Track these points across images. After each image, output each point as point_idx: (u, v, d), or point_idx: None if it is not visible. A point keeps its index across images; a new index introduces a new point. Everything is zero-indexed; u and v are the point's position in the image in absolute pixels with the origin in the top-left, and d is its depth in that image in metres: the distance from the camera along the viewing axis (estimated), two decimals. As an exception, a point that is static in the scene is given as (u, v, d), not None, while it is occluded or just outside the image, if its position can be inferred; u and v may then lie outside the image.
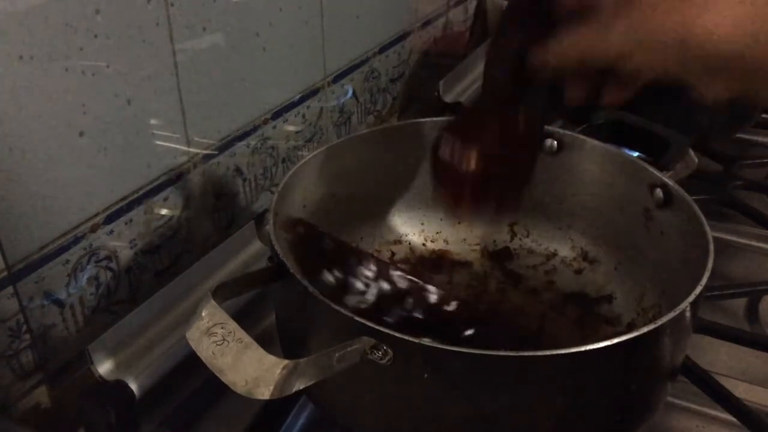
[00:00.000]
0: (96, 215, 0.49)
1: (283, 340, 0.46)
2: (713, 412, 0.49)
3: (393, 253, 0.59)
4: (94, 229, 0.49)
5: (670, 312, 0.37)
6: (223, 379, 0.34)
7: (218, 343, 0.35)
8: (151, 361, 0.47)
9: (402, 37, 0.86)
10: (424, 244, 0.60)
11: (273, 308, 0.49)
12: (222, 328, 0.35)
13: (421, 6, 0.90)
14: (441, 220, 0.61)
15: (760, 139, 0.84)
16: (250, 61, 0.61)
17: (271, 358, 0.34)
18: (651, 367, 0.40)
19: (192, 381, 0.49)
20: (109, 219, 0.50)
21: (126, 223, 0.52)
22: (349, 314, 0.37)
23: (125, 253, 0.53)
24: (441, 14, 0.96)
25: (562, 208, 0.58)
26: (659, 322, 0.36)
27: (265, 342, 0.35)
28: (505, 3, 1.07)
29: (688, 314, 0.39)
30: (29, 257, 0.45)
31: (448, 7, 0.98)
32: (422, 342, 0.35)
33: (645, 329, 0.36)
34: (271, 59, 0.63)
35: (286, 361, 0.33)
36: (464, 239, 0.61)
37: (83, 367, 0.48)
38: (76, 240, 0.48)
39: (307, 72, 0.69)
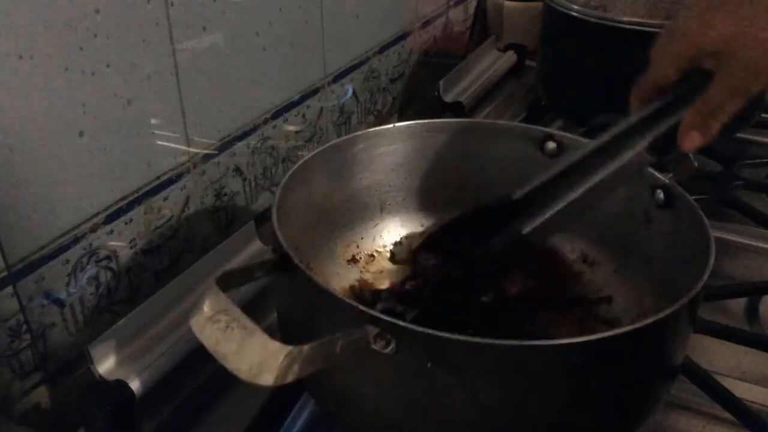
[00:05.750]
0: (96, 215, 0.49)
1: (284, 332, 0.46)
2: (713, 412, 0.49)
3: (393, 254, 0.59)
4: (94, 229, 0.49)
5: (671, 306, 0.37)
6: (227, 365, 0.34)
7: (222, 329, 0.34)
8: (151, 361, 0.47)
9: (402, 37, 0.86)
10: (424, 245, 0.60)
11: (274, 306, 0.49)
12: (226, 314, 0.35)
13: (421, 6, 0.90)
14: (441, 220, 0.61)
15: (760, 139, 0.84)
16: (250, 61, 0.61)
17: (275, 344, 0.33)
18: (651, 364, 0.40)
19: (192, 381, 0.49)
20: (109, 219, 0.50)
21: (126, 223, 0.52)
22: (353, 303, 0.37)
23: (125, 253, 0.53)
24: (441, 14, 0.96)
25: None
26: (660, 315, 0.36)
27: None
28: (505, 3, 1.07)
29: (688, 310, 0.39)
30: (29, 257, 0.45)
31: (448, 7, 0.98)
32: (425, 331, 0.35)
33: (647, 321, 0.36)
34: (271, 59, 0.63)
35: (290, 348, 0.33)
36: (464, 239, 0.61)
37: (83, 367, 0.48)
38: (76, 240, 0.48)
39: (307, 72, 0.69)
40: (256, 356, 0.33)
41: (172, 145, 0.55)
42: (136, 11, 0.48)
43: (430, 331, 0.35)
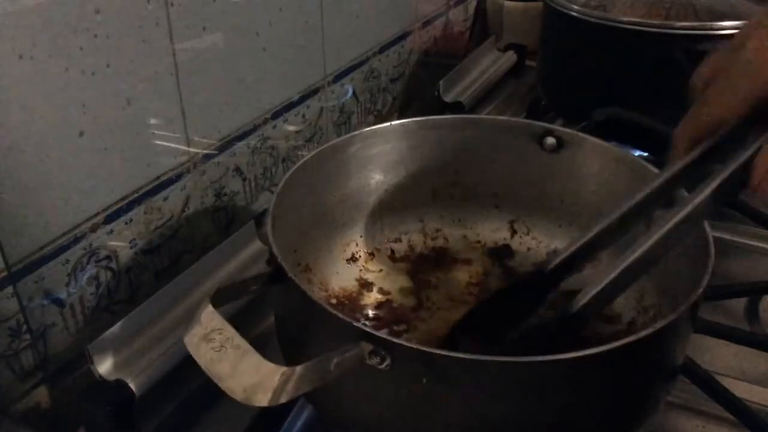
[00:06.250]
0: (96, 215, 0.49)
1: (282, 342, 0.46)
2: (713, 412, 0.49)
3: (393, 251, 0.59)
4: (94, 229, 0.49)
5: (670, 313, 0.37)
6: (222, 385, 0.34)
7: (216, 349, 0.35)
8: (151, 361, 0.47)
9: (402, 37, 0.86)
10: (424, 242, 0.60)
11: (272, 309, 0.49)
12: (220, 334, 0.35)
13: (421, 6, 0.90)
14: (441, 217, 0.61)
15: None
16: (250, 61, 0.61)
17: (269, 365, 0.34)
18: (651, 368, 0.40)
19: (191, 381, 0.49)
20: (109, 219, 0.50)
21: (126, 223, 0.52)
22: (347, 319, 0.37)
23: (125, 253, 0.53)
24: (441, 14, 0.96)
25: (562, 206, 0.58)
26: (659, 325, 0.36)
27: (264, 343, 0.35)
28: (505, 3, 1.07)
29: (688, 316, 0.39)
30: (29, 257, 0.45)
31: (448, 7, 0.98)
32: (420, 348, 0.35)
33: (644, 333, 0.36)
34: (271, 59, 0.63)
35: (283, 368, 0.33)
36: (464, 237, 0.61)
37: (83, 367, 0.48)
38: (76, 240, 0.48)
39: (307, 72, 0.69)
40: (251, 377, 0.33)
41: (172, 145, 0.55)
42: (136, 11, 0.48)
43: (424, 348, 0.34)
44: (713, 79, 0.40)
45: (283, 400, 0.33)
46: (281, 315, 0.46)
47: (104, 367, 0.45)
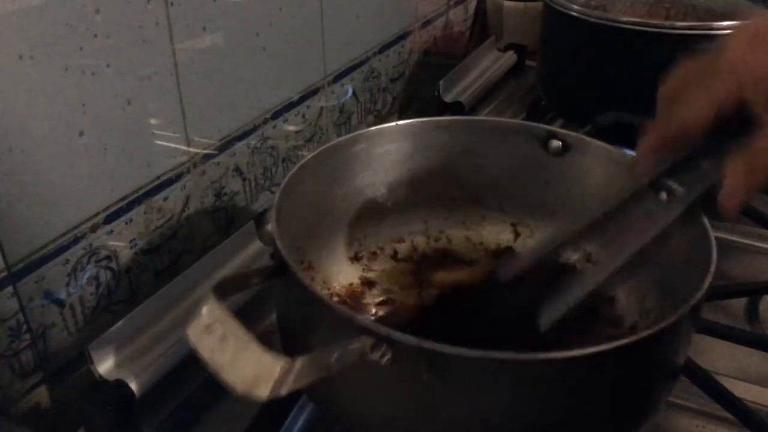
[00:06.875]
0: (96, 215, 0.49)
1: (283, 338, 0.46)
2: (713, 412, 0.49)
3: (396, 252, 0.59)
4: (94, 229, 0.49)
5: (672, 315, 0.37)
6: (222, 376, 0.34)
7: (218, 340, 0.34)
8: (151, 361, 0.47)
9: (402, 37, 0.86)
10: (427, 243, 0.60)
11: (274, 306, 0.49)
12: (222, 325, 0.35)
13: (421, 6, 0.90)
14: (445, 219, 0.61)
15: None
16: (250, 61, 0.61)
17: (270, 357, 0.33)
18: (652, 368, 0.40)
19: (192, 381, 0.49)
20: (109, 219, 0.50)
21: (126, 223, 0.52)
22: (348, 313, 0.37)
23: (125, 253, 0.53)
24: (441, 14, 0.96)
25: (565, 209, 0.58)
26: (660, 326, 0.36)
27: (267, 341, 0.35)
28: (505, 3, 1.07)
29: (689, 317, 0.39)
30: (29, 257, 0.45)
31: (448, 7, 0.98)
32: (421, 343, 0.35)
33: (646, 332, 0.36)
34: (271, 59, 0.63)
35: (284, 360, 0.33)
36: (468, 238, 0.61)
37: (83, 367, 0.48)
38: (76, 240, 0.48)
39: (307, 72, 0.69)
40: (251, 369, 0.33)
41: (172, 145, 0.55)
42: (136, 11, 0.48)
43: (425, 343, 0.34)
44: (684, 88, 0.38)
45: (284, 392, 0.33)
46: (283, 310, 0.46)
47: (104, 367, 0.45)
